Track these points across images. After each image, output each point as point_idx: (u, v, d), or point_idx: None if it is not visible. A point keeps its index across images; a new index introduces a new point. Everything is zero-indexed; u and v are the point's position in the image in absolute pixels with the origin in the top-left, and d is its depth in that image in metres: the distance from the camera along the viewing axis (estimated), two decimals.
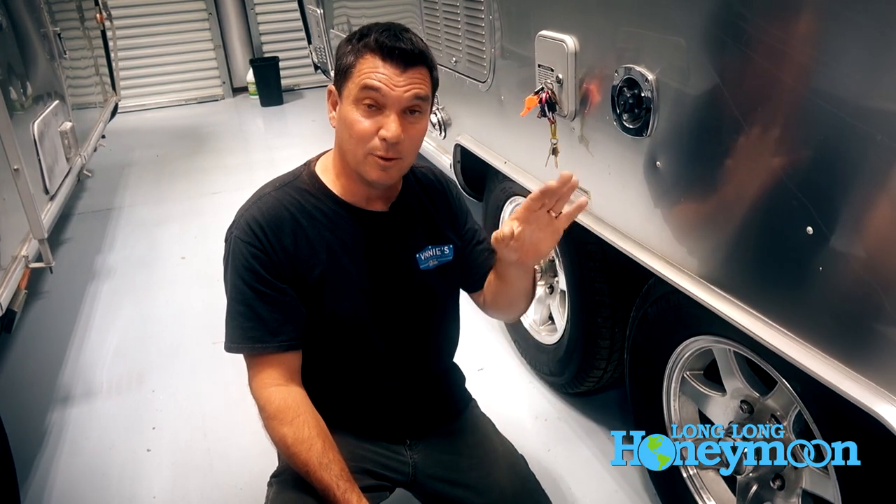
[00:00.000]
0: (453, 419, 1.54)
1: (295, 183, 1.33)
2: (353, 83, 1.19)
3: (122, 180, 4.75)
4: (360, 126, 1.19)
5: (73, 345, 2.78)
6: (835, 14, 0.95)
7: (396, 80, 1.17)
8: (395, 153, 1.21)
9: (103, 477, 2.07)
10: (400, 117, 1.19)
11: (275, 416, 1.25)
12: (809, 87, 1.01)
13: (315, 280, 1.29)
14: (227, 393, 2.41)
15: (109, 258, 3.56)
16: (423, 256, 1.38)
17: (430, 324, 1.46)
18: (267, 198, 1.30)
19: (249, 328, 1.28)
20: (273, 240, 1.26)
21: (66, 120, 3.19)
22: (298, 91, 7.03)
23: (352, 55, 1.20)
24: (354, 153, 1.22)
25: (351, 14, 3.90)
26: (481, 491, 1.44)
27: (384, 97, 1.17)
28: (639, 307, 1.66)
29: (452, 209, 1.45)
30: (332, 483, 1.22)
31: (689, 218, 1.33)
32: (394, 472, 1.45)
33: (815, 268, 1.05)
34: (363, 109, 1.19)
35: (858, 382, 1.01)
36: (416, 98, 1.19)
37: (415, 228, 1.39)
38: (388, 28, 1.20)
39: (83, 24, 4.15)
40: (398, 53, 1.17)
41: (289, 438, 1.24)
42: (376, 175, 1.23)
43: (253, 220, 1.27)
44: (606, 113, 1.47)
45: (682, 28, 1.24)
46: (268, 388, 1.28)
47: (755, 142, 1.11)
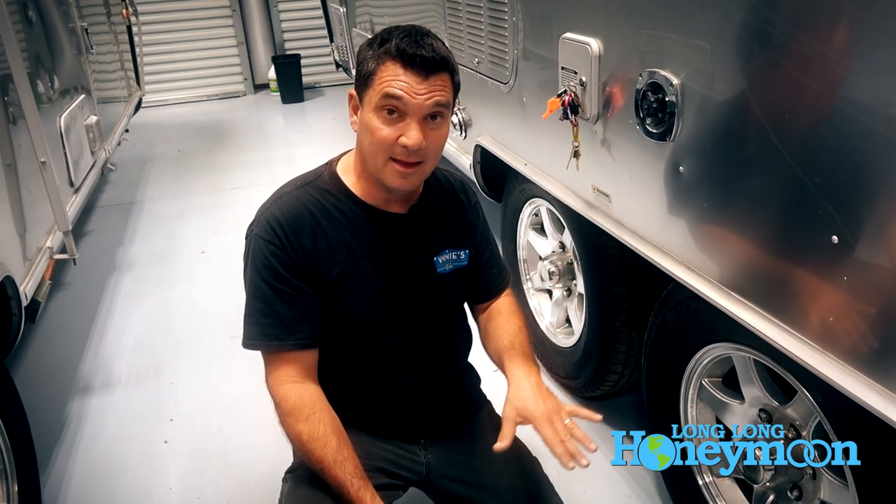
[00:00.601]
0: (468, 419, 1.54)
1: (316, 182, 1.34)
2: (374, 90, 1.19)
3: (144, 174, 4.81)
4: (381, 133, 1.19)
5: (94, 336, 2.82)
6: (863, 20, 0.94)
7: (417, 88, 1.17)
8: (416, 159, 1.21)
9: (121, 466, 2.10)
10: (421, 124, 1.19)
11: (291, 412, 1.27)
12: (837, 94, 1.00)
13: (333, 279, 1.30)
14: (244, 387, 2.43)
15: (130, 251, 3.61)
16: (440, 260, 1.39)
17: (445, 325, 1.47)
18: (287, 197, 1.31)
19: (267, 325, 1.29)
20: (293, 239, 1.27)
21: (91, 114, 3.24)
22: (319, 89, 7.07)
23: (373, 61, 1.20)
24: (375, 159, 1.23)
25: (374, 13, 3.92)
26: (495, 492, 1.43)
27: (405, 105, 1.17)
28: (657, 312, 1.65)
29: (469, 216, 1.45)
30: (347, 480, 1.23)
31: (710, 223, 1.32)
32: (408, 472, 1.45)
33: (840, 277, 1.03)
34: (384, 116, 1.19)
35: (881, 394, 1.00)
36: (437, 105, 1.19)
37: (433, 231, 1.39)
38: (408, 33, 1.19)
39: (110, 20, 4.21)
40: (419, 61, 1.16)
41: (304, 435, 1.25)
42: (397, 183, 1.24)
43: (273, 219, 1.28)
44: (630, 117, 1.46)
45: (707, 32, 1.23)
46: (284, 385, 1.29)
47: (780, 149, 1.10)
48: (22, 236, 2.08)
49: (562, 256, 2.23)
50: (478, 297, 1.50)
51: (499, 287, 1.51)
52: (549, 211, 2.24)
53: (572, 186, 1.81)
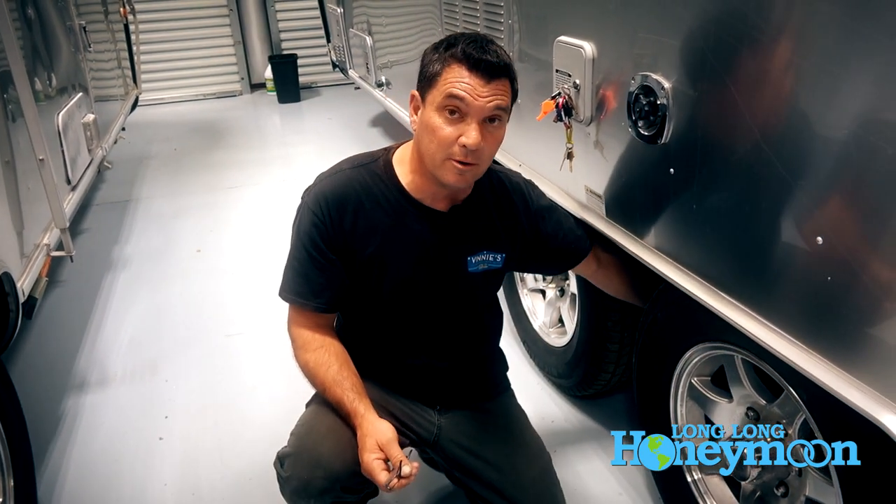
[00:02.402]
0: (487, 399, 1.63)
1: (370, 166, 1.43)
2: (437, 90, 1.26)
3: (140, 172, 4.81)
4: (443, 132, 1.26)
5: (90, 333, 2.83)
6: (848, 26, 0.97)
7: (480, 91, 1.23)
8: (473, 159, 1.28)
9: (116, 463, 2.11)
10: (480, 125, 1.25)
11: (302, 346, 1.43)
12: (823, 99, 1.03)
13: (366, 258, 1.40)
14: (239, 384, 2.45)
15: (126, 249, 3.61)
16: (474, 259, 1.48)
17: (468, 317, 1.58)
18: (341, 174, 1.42)
19: (298, 283, 1.43)
20: (335, 216, 1.38)
21: (89, 112, 3.25)
22: (316, 89, 7.08)
23: (438, 63, 1.27)
24: (433, 157, 1.29)
25: (371, 14, 3.94)
26: (500, 468, 1.49)
27: (467, 106, 1.24)
28: (648, 312, 1.68)
29: (520, 219, 1.52)
30: (343, 395, 1.36)
31: (700, 224, 1.34)
32: (418, 427, 1.54)
33: (825, 277, 1.06)
34: (446, 116, 1.26)
35: (863, 391, 1.02)
36: (497, 108, 1.26)
37: (472, 232, 1.47)
38: (474, 39, 1.26)
39: (107, 18, 4.22)
40: (484, 65, 1.23)
41: (311, 363, 1.41)
42: (453, 179, 1.31)
43: (321, 195, 1.39)
44: (622, 119, 1.49)
45: (698, 37, 1.25)
46: (301, 327, 1.45)
47: (767, 151, 1.13)
48: (20, 233, 2.09)
49: None
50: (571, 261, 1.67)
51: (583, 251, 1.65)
52: None
53: (565, 187, 1.83)
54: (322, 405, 1.46)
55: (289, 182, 4.46)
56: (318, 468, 1.35)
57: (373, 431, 1.33)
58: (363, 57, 4.23)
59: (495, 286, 1.61)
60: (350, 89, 6.14)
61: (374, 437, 1.32)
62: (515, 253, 1.54)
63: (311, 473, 1.35)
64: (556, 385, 2.33)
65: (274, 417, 1.52)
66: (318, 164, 1.52)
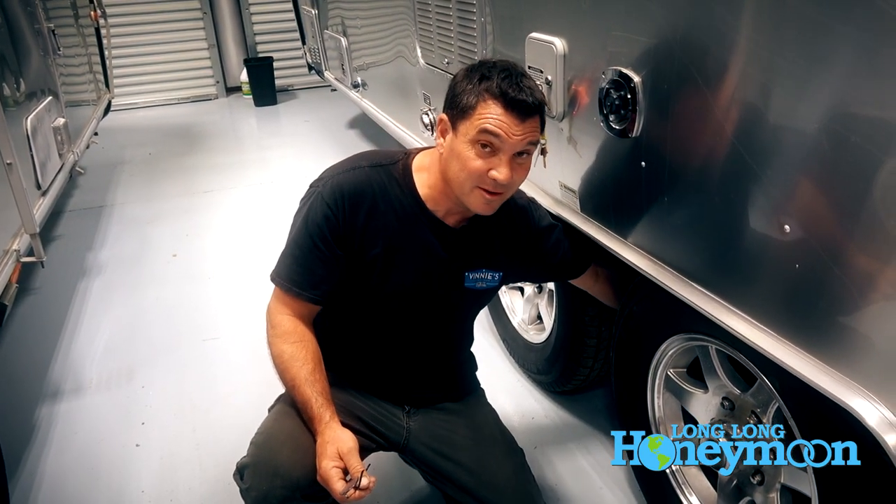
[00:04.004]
0: (456, 400, 1.63)
1: (389, 168, 1.42)
2: (471, 124, 1.27)
3: (114, 178, 4.74)
4: (474, 164, 1.28)
5: (63, 340, 2.78)
6: (815, 20, 0.98)
7: (514, 130, 1.25)
8: (502, 189, 1.31)
9: (92, 471, 2.08)
10: (510, 160, 1.28)
11: (281, 335, 1.40)
12: (787, 91, 1.04)
13: (370, 258, 1.40)
14: (216, 389, 2.42)
15: (100, 255, 3.56)
16: (472, 276, 1.50)
17: (454, 326, 1.60)
18: (360, 172, 1.40)
19: (296, 272, 1.41)
20: (348, 212, 1.37)
21: (59, 116, 3.20)
22: (292, 91, 7.04)
23: (473, 96, 1.27)
24: (462, 185, 1.31)
25: (345, 15, 3.93)
26: (472, 470, 1.49)
27: (501, 142, 1.26)
28: (624, 305, 1.69)
29: (523, 242, 1.55)
30: (312, 397, 1.35)
31: (672, 217, 1.36)
32: (387, 430, 1.53)
33: (792, 265, 1.07)
34: (478, 149, 1.27)
35: (833, 377, 1.04)
36: (528, 144, 1.28)
37: (475, 250, 1.49)
38: (509, 73, 1.27)
39: (77, 22, 4.16)
40: (520, 106, 1.24)
41: (286, 354, 1.38)
42: (481, 208, 1.34)
43: (338, 188, 1.37)
44: (594, 114, 1.50)
45: (665, 31, 1.26)
46: (284, 314, 1.42)
47: (735, 143, 1.14)
48: None
49: None
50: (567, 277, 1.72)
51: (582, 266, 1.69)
52: None
53: (540, 183, 1.84)
54: (282, 411, 1.44)
55: (266, 185, 4.43)
56: (277, 477, 1.33)
57: (334, 439, 1.31)
58: (338, 59, 4.22)
59: (487, 301, 1.64)
60: (327, 91, 6.12)
61: (334, 444, 1.30)
62: (512, 271, 1.58)
63: (270, 483, 1.33)
64: (536, 381, 2.34)
65: (252, 422, 1.50)
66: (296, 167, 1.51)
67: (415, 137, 3.06)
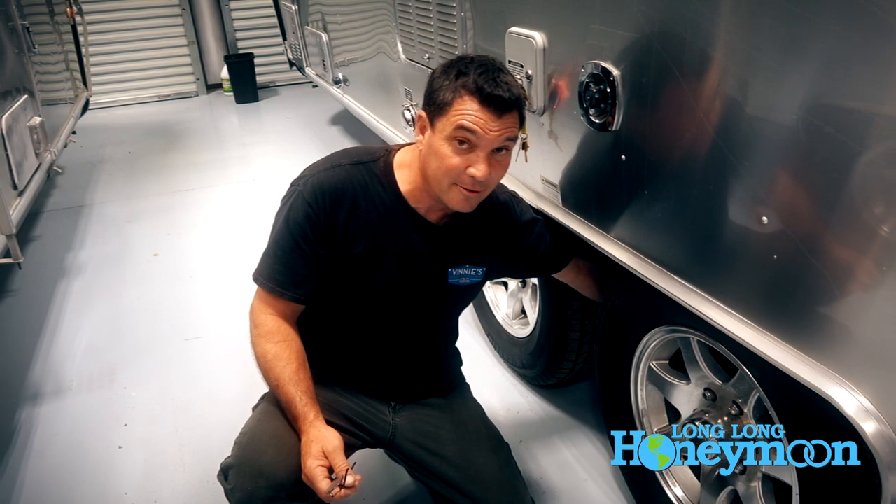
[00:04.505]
0: (442, 395, 1.63)
1: (371, 165, 1.41)
2: (448, 120, 1.25)
3: (94, 177, 4.69)
4: (452, 161, 1.27)
5: (43, 342, 2.74)
6: (792, 12, 0.99)
7: (491, 126, 1.24)
8: (481, 187, 1.30)
9: (74, 474, 2.05)
10: (489, 156, 1.26)
11: (265, 334, 1.39)
12: (764, 84, 1.05)
13: (352, 256, 1.39)
14: (199, 389, 2.40)
15: (80, 255, 3.52)
16: (455, 272, 1.49)
17: (438, 322, 1.59)
18: (340, 169, 1.39)
19: (278, 271, 1.39)
20: (329, 211, 1.36)
21: (35, 115, 3.15)
22: (274, 88, 6.99)
23: (449, 92, 1.26)
24: (440, 182, 1.30)
25: (326, 11, 3.90)
26: (458, 465, 1.49)
27: (478, 139, 1.24)
28: (607, 299, 1.69)
29: (504, 236, 1.55)
30: (296, 396, 1.34)
31: (652, 210, 1.36)
32: (373, 426, 1.53)
33: (770, 256, 1.08)
34: (455, 146, 1.26)
35: (811, 367, 1.05)
36: (506, 140, 1.27)
37: (458, 246, 1.48)
38: (486, 69, 1.25)
39: (53, 19, 4.10)
40: (497, 101, 1.23)
41: (270, 354, 1.37)
42: (460, 205, 1.33)
43: (318, 186, 1.36)
44: (574, 108, 1.50)
45: (644, 25, 1.27)
46: (268, 314, 1.41)
47: (714, 136, 1.15)
48: None
49: None
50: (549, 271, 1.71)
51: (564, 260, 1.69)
52: None
53: (522, 178, 1.84)
54: (266, 411, 1.43)
55: (248, 183, 4.40)
56: (261, 477, 1.32)
57: (319, 438, 1.31)
58: (319, 55, 4.19)
59: (471, 298, 1.64)
60: (308, 88, 6.09)
61: (319, 443, 1.30)
62: (496, 266, 1.57)
63: (255, 483, 1.32)
64: (521, 376, 2.34)
65: (235, 421, 1.49)
66: (279, 165, 1.50)
67: (397, 133, 3.05)
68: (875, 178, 0.92)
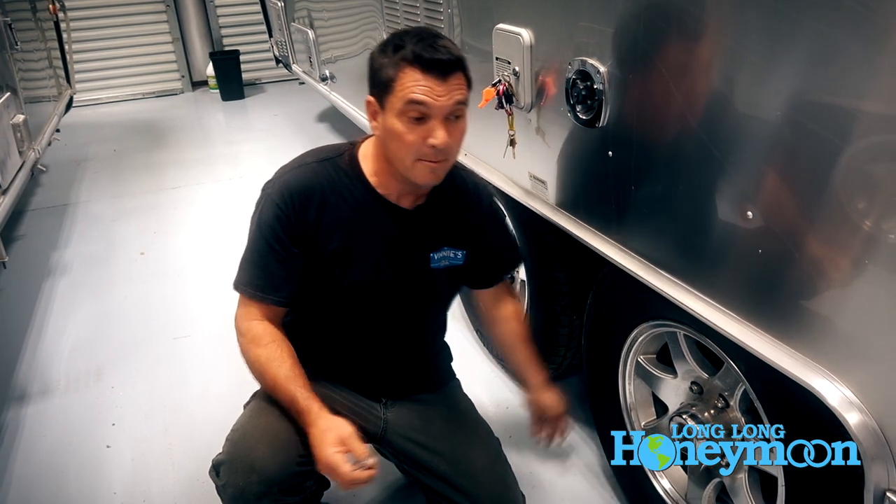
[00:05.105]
0: (432, 391, 1.63)
1: (336, 160, 1.41)
2: (395, 97, 1.25)
3: (78, 175, 4.64)
4: (409, 137, 1.26)
5: (29, 342, 2.72)
6: (776, 10, 1.00)
7: (438, 91, 1.23)
8: (443, 156, 1.29)
9: (61, 474, 2.04)
10: (444, 123, 1.25)
11: (253, 340, 1.38)
12: (749, 81, 1.06)
13: (329, 253, 1.39)
14: (188, 387, 2.40)
15: (66, 254, 3.48)
16: (436, 256, 1.48)
17: (426, 314, 1.58)
18: (306, 168, 1.39)
19: (257, 276, 1.39)
20: (299, 209, 1.35)
21: (18, 113, 3.12)
22: (260, 85, 6.95)
23: (391, 68, 1.25)
24: (403, 160, 1.29)
25: (312, 8, 3.88)
26: (450, 459, 1.50)
27: (429, 108, 1.23)
28: (595, 294, 1.71)
29: (476, 219, 1.53)
30: (296, 392, 1.33)
31: (639, 205, 1.37)
32: (365, 422, 1.52)
33: (755, 251, 1.10)
34: (409, 121, 1.25)
35: (795, 359, 1.07)
36: (457, 104, 1.26)
37: (435, 229, 1.47)
38: (421, 37, 1.24)
39: (35, 15, 4.05)
40: (437, 65, 1.22)
41: (262, 357, 1.36)
42: (427, 178, 1.32)
43: (285, 187, 1.36)
44: (561, 104, 1.51)
45: (630, 22, 1.28)
46: (252, 320, 1.40)
47: (699, 132, 1.16)
48: None
49: None
50: (479, 284, 1.64)
51: (498, 279, 1.65)
52: None
53: (510, 174, 1.85)
54: (258, 407, 1.43)
55: (235, 181, 4.37)
56: (253, 473, 1.32)
57: (331, 427, 1.29)
58: (306, 51, 4.17)
59: (456, 285, 1.62)
60: (295, 85, 6.04)
61: (333, 431, 1.28)
62: (476, 250, 1.55)
63: (247, 479, 1.32)
64: (510, 372, 2.35)
65: (225, 420, 1.49)
66: (266, 162, 1.50)
67: None
68: (857, 174, 0.93)
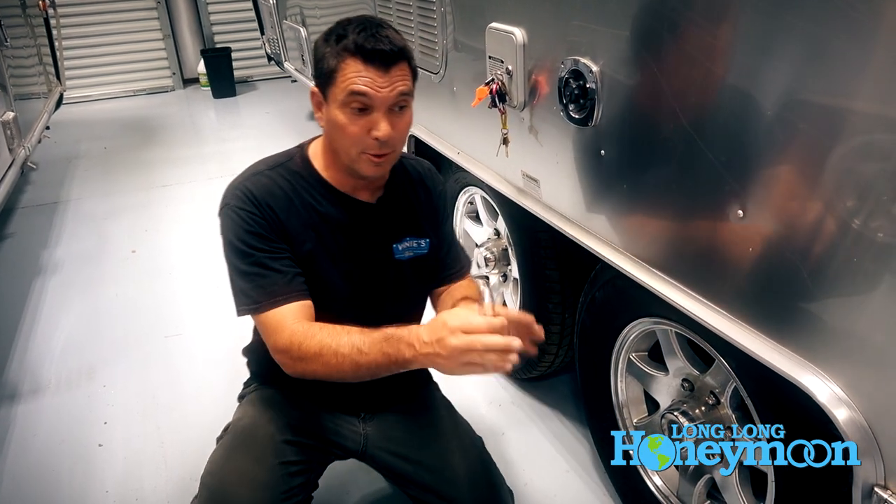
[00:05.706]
0: (410, 399, 1.59)
1: (288, 164, 1.37)
2: (338, 88, 1.22)
3: (69, 173, 4.61)
4: (352, 129, 1.23)
5: (19, 341, 2.70)
6: (768, 11, 1.01)
7: (380, 82, 1.20)
8: (387, 149, 1.26)
9: (54, 474, 2.03)
10: (387, 115, 1.23)
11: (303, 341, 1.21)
12: (741, 80, 1.07)
13: (304, 254, 1.34)
14: (180, 386, 2.39)
15: (56, 252, 3.47)
16: (399, 247, 1.44)
17: (399, 309, 1.51)
18: (260, 176, 1.35)
19: (267, 284, 1.27)
20: (267, 209, 1.30)
21: (7, 110, 3.10)
22: (252, 83, 6.93)
23: (333, 59, 1.22)
24: (348, 153, 1.27)
25: (304, 5, 3.87)
26: (432, 468, 1.47)
27: (371, 100, 1.21)
28: (587, 292, 1.72)
29: (433, 206, 1.50)
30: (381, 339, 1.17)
31: (631, 204, 1.38)
32: (344, 440, 1.51)
33: (746, 249, 1.11)
34: (351, 113, 1.22)
35: (785, 356, 1.08)
36: (400, 95, 1.23)
37: (396, 220, 1.44)
38: (364, 27, 1.21)
39: (25, 12, 4.02)
40: (379, 56, 1.19)
41: (324, 348, 1.19)
42: (371, 171, 1.29)
43: (247, 191, 1.31)
44: (554, 103, 1.51)
45: (622, 21, 1.28)
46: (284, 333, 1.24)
47: (690, 130, 1.17)
48: None
49: (497, 243, 2.28)
50: (436, 282, 1.55)
51: (456, 274, 1.54)
52: (483, 199, 2.28)
53: (503, 173, 1.86)
54: (231, 447, 1.38)
55: (227, 179, 4.25)
56: None
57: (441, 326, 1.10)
58: (298, 49, 4.16)
59: (424, 276, 1.52)
60: (287, 82, 6.03)
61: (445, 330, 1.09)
62: (437, 239, 1.50)
63: None
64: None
65: (217, 418, 1.49)
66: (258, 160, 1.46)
67: None
68: (847, 173, 0.94)
